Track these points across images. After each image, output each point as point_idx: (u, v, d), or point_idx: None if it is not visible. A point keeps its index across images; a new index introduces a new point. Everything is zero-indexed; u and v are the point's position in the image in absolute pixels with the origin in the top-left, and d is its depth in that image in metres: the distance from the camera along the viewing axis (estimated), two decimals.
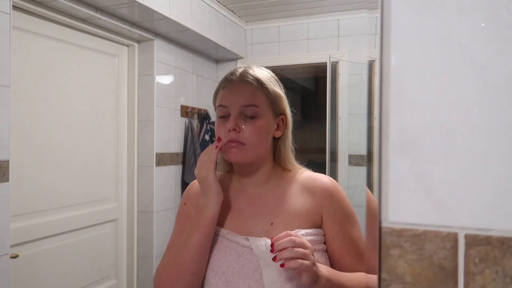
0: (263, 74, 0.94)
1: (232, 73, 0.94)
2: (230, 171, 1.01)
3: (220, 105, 0.92)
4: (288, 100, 0.98)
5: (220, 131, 0.90)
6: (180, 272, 0.87)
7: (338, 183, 0.97)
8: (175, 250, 0.90)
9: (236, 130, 0.88)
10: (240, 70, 0.94)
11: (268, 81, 0.93)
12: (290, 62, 3.26)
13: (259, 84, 0.91)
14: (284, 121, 0.95)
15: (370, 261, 1.00)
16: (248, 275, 0.86)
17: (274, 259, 0.77)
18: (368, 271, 0.97)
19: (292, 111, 0.99)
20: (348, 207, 0.93)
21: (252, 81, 0.91)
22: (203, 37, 2.74)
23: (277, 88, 0.94)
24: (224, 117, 0.91)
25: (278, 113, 0.94)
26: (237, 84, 0.91)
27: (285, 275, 0.85)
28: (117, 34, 2.48)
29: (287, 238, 0.78)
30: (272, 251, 0.78)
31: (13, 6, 1.74)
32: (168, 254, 0.94)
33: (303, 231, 0.88)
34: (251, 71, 0.93)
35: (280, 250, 0.77)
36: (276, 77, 0.98)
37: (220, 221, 0.94)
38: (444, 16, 0.37)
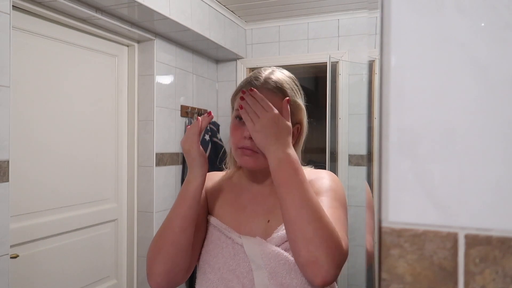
0: (287, 82, 0.92)
1: (257, 78, 0.92)
2: (241, 168, 1.02)
3: (237, 109, 0.92)
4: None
5: (235, 135, 0.90)
6: (162, 244, 0.86)
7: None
8: (162, 224, 0.90)
9: (251, 139, 0.87)
10: (264, 75, 0.92)
11: (291, 90, 0.92)
12: (290, 62, 3.25)
13: (282, 93, 0.89)
14: (299, 130, 0.95)
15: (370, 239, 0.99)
16: (242, 274, 0.87)
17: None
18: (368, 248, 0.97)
19: (308, 121, 0.98)
20: (328, 184, 0.91)
21: (275, 90, 0.89)
22: (203, 37, 2.74)
23: (298, 99, 0.93)
24: (241, 119, 0.90)
25: (295, 122, 0.93)
26: (260, 92, 0.88)
27: (276, 279, 0.84)
28: (117, 34, 2.48)
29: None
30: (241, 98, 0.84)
31: (13, 6, 1.74)
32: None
33: None
34: (274, 78, 0.91)
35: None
36: (297, 83, 0.97)
37: (222, 216, 0.96)
38: (444, 16, 0.37)
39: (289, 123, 0.85)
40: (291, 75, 0.98)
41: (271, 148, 0.81)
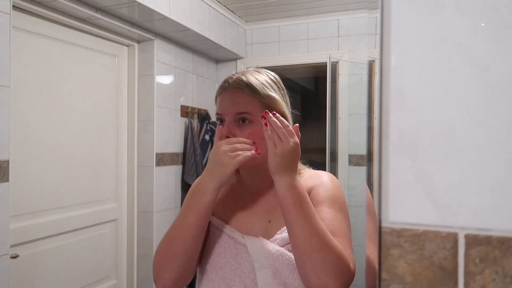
0: (258, 79, 0.93)
1: (226, 81, 0.94)
2: (238, 169, 1.02)
3: (216, 113, 0.94)
4: (289, 100, 0.98)
5: (217, 138, 0.92)
6: (173, 252, 0.86)
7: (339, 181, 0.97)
8: (170, 230, 0.89)
9: (229, 137, 0.88)
10: (234, 77, 0.94)
11: (262, 86, 0.92)
12: (290, 62, 3.25)
13: (252, 90, 0.90)
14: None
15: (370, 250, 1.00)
16: (244, 273, 0.88)
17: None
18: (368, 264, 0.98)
19: (293, 112, 0.98)
20: (332, 192, 0.91)
21: (244, 87, 0.90)
22: (203, 37, 2.74)
23: (272, 92, 0.93)
24: (222, 124, 0.92)
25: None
26: (230, 92, 0.92)
27: (279, 278, 0.85)
28: (117, 34, 2.48)
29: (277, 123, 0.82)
30: (265, 124, 0.82)
31: (13, 6, 1.74)
32: (166, 233, 0.94)
33: None
34: (244, 78, 0.92)
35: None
36: (275, 80, 0.98)
37: (224, 216, 0.96)
38: (444, 16, 0.37)
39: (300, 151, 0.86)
40: (269, 73, 0.98)
41: (283, 174, 0.81)
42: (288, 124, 0.83)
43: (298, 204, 0.79)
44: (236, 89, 0.91)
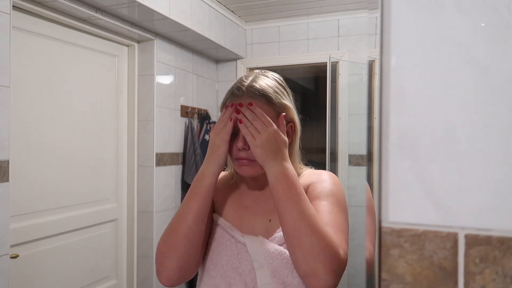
0: (270, 86, 0.92)
1: (238, 88, 0.91)
2: None
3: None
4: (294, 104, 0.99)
5: (230, 147, 0.90)
6: (175, 239, 0.86)
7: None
8: (173, 219, 0.89)
9: (245, 148, 0.88)
10: (246, 84, 0.91)
11: (275, 94, 0.91)
12: (290, 62, 3.25)
13: (266, 99, 0.90)
14: (293, 128, 0.96)
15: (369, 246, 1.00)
16: (245, 272, 0.88)
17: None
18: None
19: (300, 117, 0.99)
20: (329, 188, 0.91)
21: (259, 96, 0.89)
22: (203, 37, 2.74)
23: (285, 100, 0.93)
24: (233, 132, 0.90)
25: (287, 121, 0.94)
26: (244, 101, 0.89)
27: (278, 277, 0.86)
28: (117, 34, 2.48)
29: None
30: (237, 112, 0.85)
31: (13, 6, 1.74)
32: (169, 223, 0.95)
33: None
34: (257, 85, 0.90)
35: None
36: (283, 83, 0.97)
37: (225, 215, 0.97)
38: (444, 16, 0.37)
39: (286, 138, 0.86)
40: (276, 76, 0.98)
41: (271, 163, 0.82)
42: (263, 113, 0.84)
43: (287, 191, 0.80)
44: (251, 98, 0.89)
